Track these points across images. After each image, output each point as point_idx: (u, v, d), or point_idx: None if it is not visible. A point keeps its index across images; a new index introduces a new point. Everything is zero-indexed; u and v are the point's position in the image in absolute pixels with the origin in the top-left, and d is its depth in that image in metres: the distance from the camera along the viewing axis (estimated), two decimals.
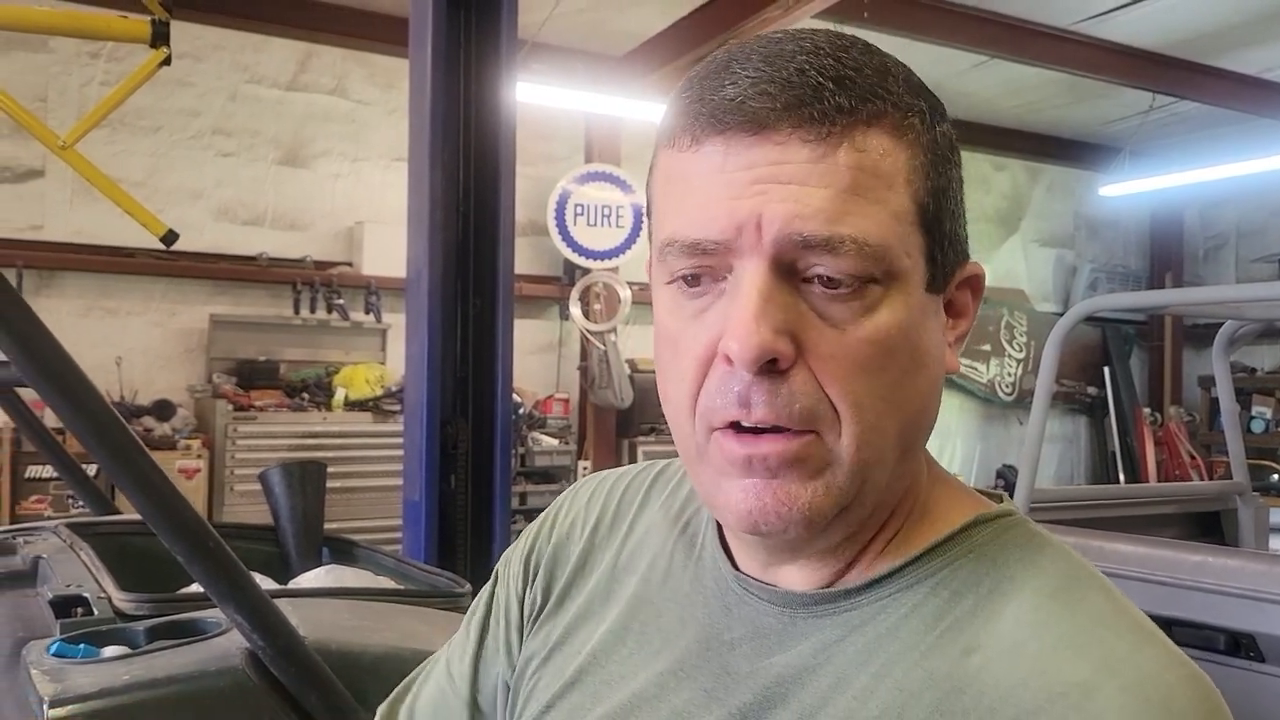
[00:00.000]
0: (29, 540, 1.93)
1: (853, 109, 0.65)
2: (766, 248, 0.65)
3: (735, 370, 0.66)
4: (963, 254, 0.73)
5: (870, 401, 0.67)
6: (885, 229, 0.65)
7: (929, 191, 0.68)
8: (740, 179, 0.65)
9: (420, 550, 3.39)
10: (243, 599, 1.19)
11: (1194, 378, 10.18)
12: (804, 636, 0.72)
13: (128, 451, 1.11)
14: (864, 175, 0.65)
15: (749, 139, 0.65)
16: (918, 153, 0.68)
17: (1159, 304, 5.45)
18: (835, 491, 0.68)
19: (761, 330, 0.64)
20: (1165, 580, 2.76)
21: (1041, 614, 0.66)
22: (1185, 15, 6.39)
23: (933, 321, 0.70)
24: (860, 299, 0.66)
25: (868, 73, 0.67)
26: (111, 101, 3.87)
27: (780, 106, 0.65)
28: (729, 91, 0.66)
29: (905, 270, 0.67)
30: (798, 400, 0.66)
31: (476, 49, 3.67)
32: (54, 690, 1.15)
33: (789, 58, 0.66)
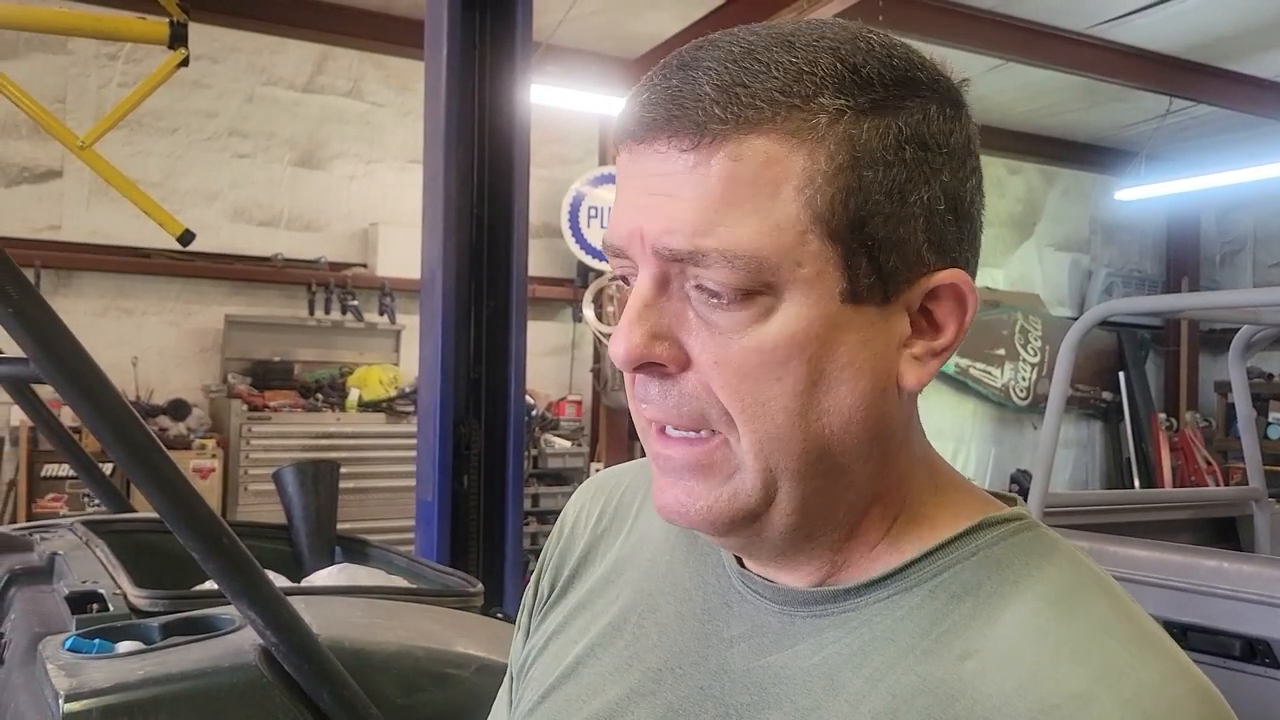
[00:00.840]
0: (45, 537, 1.95)
1: (728, 118, 0.63)
2: (649, 257, 0.66)
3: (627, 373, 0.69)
4: (923, 263, 0.66)
5: (765, 410, 0.65)
6: (761, 239, 0.63)
7: (838, 198, 0.64)
8: (633, 188, 0.67)
9: (433, 550, 3.39)
10: (257, 596, 1.19)
11: (1210, 383, 10.13)
12: (802, 637, 0.71)
13: (145, 449, 1.12)
14: (739, 185, 0.63)
15: (639, 148, 0.66)
16: (819, 157, 0.63)
17: (1174, 308, 5.43)
18: (741, 498, 0.67)
19: (633, 335, 0.66)
20: (1180, 586, 2.74)
21: (1042, 620, 0.64)
22: (1202, 19, 6.36)
23: (863, 334, 0.66)
24: (745, 308, 0.64)
25: (774, 75, 0.63)
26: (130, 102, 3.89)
27: (662, 117, 0.65)
28: (639, 99, 0.67)
29: (800, 280, 0.64)
30: (687, 403, 0.67)
31: (491, 51, 3.68)
32: (69, 685, 1.15)
33: (697, 64, 0.65)
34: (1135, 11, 6.27)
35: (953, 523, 0.71)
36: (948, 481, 0.75)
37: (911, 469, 0.73)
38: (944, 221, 0.67)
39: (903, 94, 0.66)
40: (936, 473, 0.75)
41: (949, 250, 0.67)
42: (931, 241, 0.66)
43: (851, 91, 0.64)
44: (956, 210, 0.67)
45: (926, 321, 0.68)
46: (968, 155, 0.68)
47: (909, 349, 0.68)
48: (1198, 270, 10.44)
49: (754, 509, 0.67)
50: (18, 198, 5.94)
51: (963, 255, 0.68)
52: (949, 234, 0.67)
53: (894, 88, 0.65)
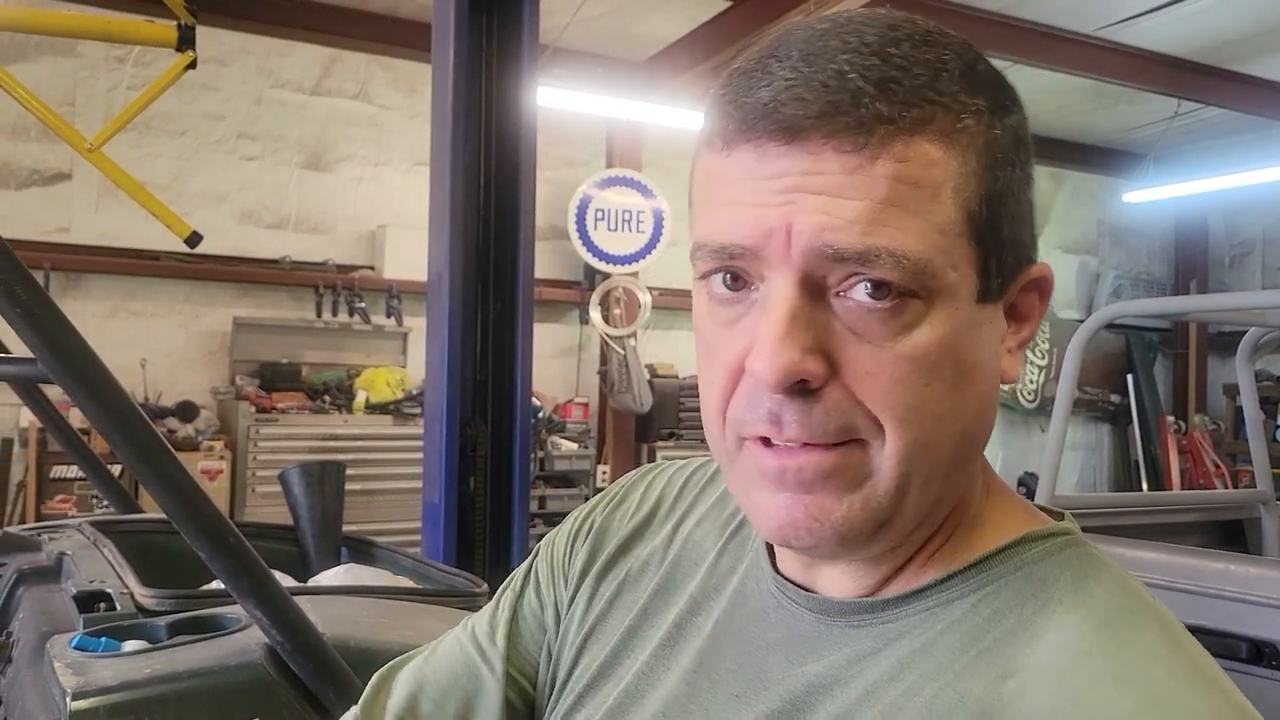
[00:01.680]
0: (54, 537, 1.96)
1: (894, 117, 0.60)
2: (796, 260, 0.62)
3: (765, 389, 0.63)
4: (1025, 257, 0.68)
5: (915, 416, 0.63)
6: (926, 242, 0.61)
7: (982, 199, 0.63)
8: (770, 186, 0.62)
9: (439, 551, 3.40)
10: (263, 595, 1.20)
11: (1219, 386, 10.10)
12: (838, 646, 0.69)
13: (152, 449, 1.13)
14: (904, 187, 0.61)
15: (781, 147, 0.62)
16: (970, 158, 0.63)
17: (1182, 310, 5.41)
18: (874, 505, 0.65)
19: (787, 351, 0.61)
20: (1187, 588, 2.74)
21: (1086, 643, 0.61)
22: (1211, 21, 6.35)
23: (985, 333, 0.66)
24: (899, 315, 0.62)
25: (917, 71, 0.62)
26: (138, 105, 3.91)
27: (814, 114, 0.61)
28: (762, 94, 0.62)
29: (950, 285, 0.63)
30: (832, 419, 0.63)
31: (498, 54, 3.68)
32: (76, 683, 1.16)
33: (830, 55, 0.62)
34: (1143, 14, 6.26)
35: (997, 534, 0.69)
36: (998, 488, 0.74)
37: (973, 477, 0.72)
38: (1032, 218, 0.68)
39: (1005, 96, 0.66)
40: (991, 480, 0.74)
41: (1033, 245, 0.69)
42: (1029, 239, 0.68)
43: (978, 91, 0.64)
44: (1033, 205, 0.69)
45: (1011, 315, 0.69)
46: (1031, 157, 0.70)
47: (1005, 343, 0.69)
48: (1206, 272, 10.42)
49: (884, 515, 0.65)
50: (27, 200, 5.96)
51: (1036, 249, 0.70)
52: (1033, 229, 0.69)
53: (998, 90, 0.66)
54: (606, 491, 0.94)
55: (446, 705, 0.87)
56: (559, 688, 0.86)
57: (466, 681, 0.88)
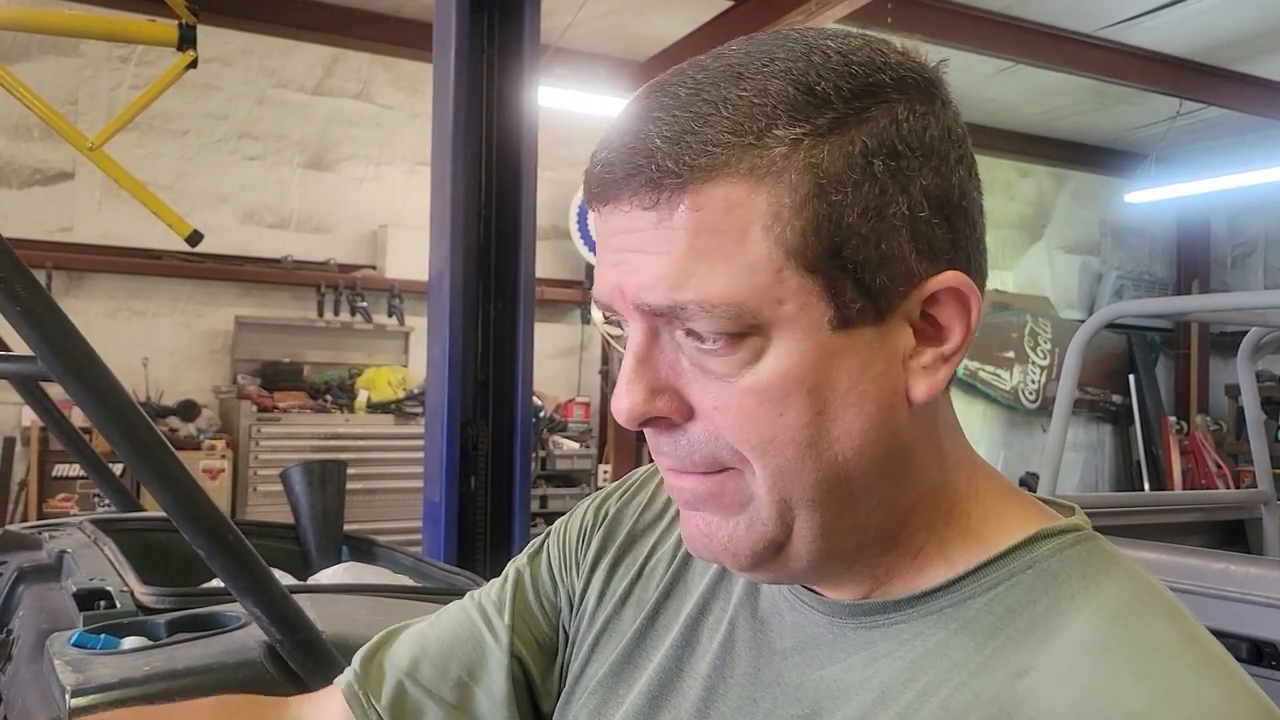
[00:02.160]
0: (54, 535, 1.96)
1: (680, 170, 0.62)
2: (634, 313, 0.66)
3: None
4: (912, 274, 0.64)
5: (771, 446, 0.64)
6: (736, 285, 0.62)
7: (808, 229, 0.61)
8: (608, 245, 0.67)
9: (440, 551, 3.40)
10: (262, 593, 1.20)
11: (1220, 386, 10.10)
12: (855, 649, 0.70)
13: (151, 447, 1.13)
14: (704, 235, 0.62)
15: (605, 208, 0.66)
16: (782, 192, 0.61)
17: (1183, 310, 5.41)
18: (759, 529, 0.67)
19: (634, 393, 0.66)
20: (1188, 588, 2.73)
21: (1100, 636, 0.62)
22: (1212, 21, 6.35)
23: (861, 357, 0.64)
24: (735, 351, 0.63)
25: (724, 114, 0.62)
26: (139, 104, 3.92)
27: (620, 176, 0.64)
28: (599, 157, 0.66)
29: (784, 317, 0.62)
30: (698, 450, 0.66)
31: (500, 53, 3.68)
32: (75, 680, 1.16)
33: (647, 114, 0.64)
34: (1145, 14, 6.26)
35: (1005, 533, 0.69)
36: (992, 487, 0.73)
37: (947, 475, 0.71)
38: (930, 225, 0.64)
39: (865, 104, 0.63)
40: (978, 478, 0.72)
41: (941, 253, 0.65)
42: (920, 250, 0.64)
43: (807, 115, 0.62)
44: (944, 209, 0.64)
45: (931, 328, 0.66)
46: (950, 148, 0.65)
47: (916, 359, 0.66)
48: (1208, 273, 10.41)
49: (774, 538, 0.66)
50: (30, 199, 5.97)
51: (960, 253, 0.66)
52: (938, 236, 0.64)
53: (854, 100, 0.62)
54: (622, 481, 0.95)
55: (449, 670, 0.88)
56: (572, 682, 0.86)
57: (471, 649, 0.89)
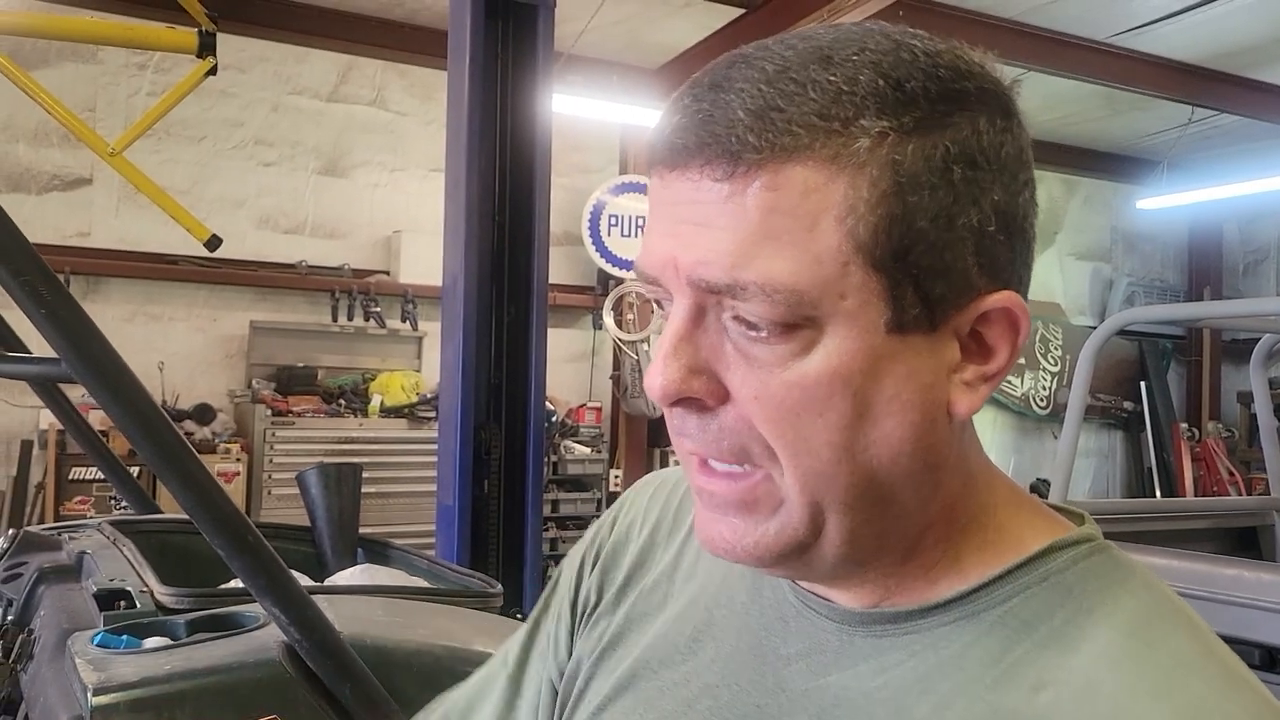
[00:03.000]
0: (74, 537, 1.98)
1: (762, 146, 0.60)
2: (684, 287, 0.63)
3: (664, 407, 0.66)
4: (971, 288, 0.63)
5: (806, 446, 0.62)
6: (801, 272, 0.60)
7: (881, 226, 0.60)
8: (666, 214, 0.64)
9: (453, 553, 3.42)
10: (281, 594, 1.22)
11: (1233, 393, 10.06)
12: (863, 657, 0.68)
13: (173, 448, 1.15)
14: (776, 216, 0.60)
15: (670, 174, 0.63)
16: (860, 184, 0.60)
17: (1195, 317, 5.41)
18: (789, 533, 0.65)
19: (669, 370, 0.63)
20: (1199, 595, 2.74)
21: (1118, 651, 0.61)
22: (1225, 27, 6.34)
23: (910, 365, 0.63)
24: (786, 342, 0.61)
25: (811, 95, 0.60)
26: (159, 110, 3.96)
27: (694, 144, 0.62)
28: (667, 123, 0.64)
29: (842, 312, 0.61)
30: (727, 437, 0.64)
31: (513, 60, 3.71)
32: (98, 679, 1.18)
33: (729, 85, 0.62)
34: (1157, 20, 6.25)
35: (1018, 545, 0.68)
36: (1008, 499, 0.71)
37: (969, 487, 0.69)
38: (994, 242, 0.62)
39: (949, 109, 0.61)
40: (995, 490, 0.71)
41: (1000, 271, 0.63)
42: (982, 265, 0.62)
43: (895, 111, 0.60)
44: (1009, 228, 0.63)
45: (977, 345, 0.65)
46: (1020, 168, 0.64)
47: (959, 375, 0.64)
48: (1220, 280, 10.37)
49: (802, 542, 0.65)
50: (48, 205, 6.02)
51: (1015, 274, 0.65)
52: (1000, 254, 0.63)
53: (940, 103, 0.61)
54: (611, 510, 0.95)
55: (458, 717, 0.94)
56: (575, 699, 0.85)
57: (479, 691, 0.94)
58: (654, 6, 6.15)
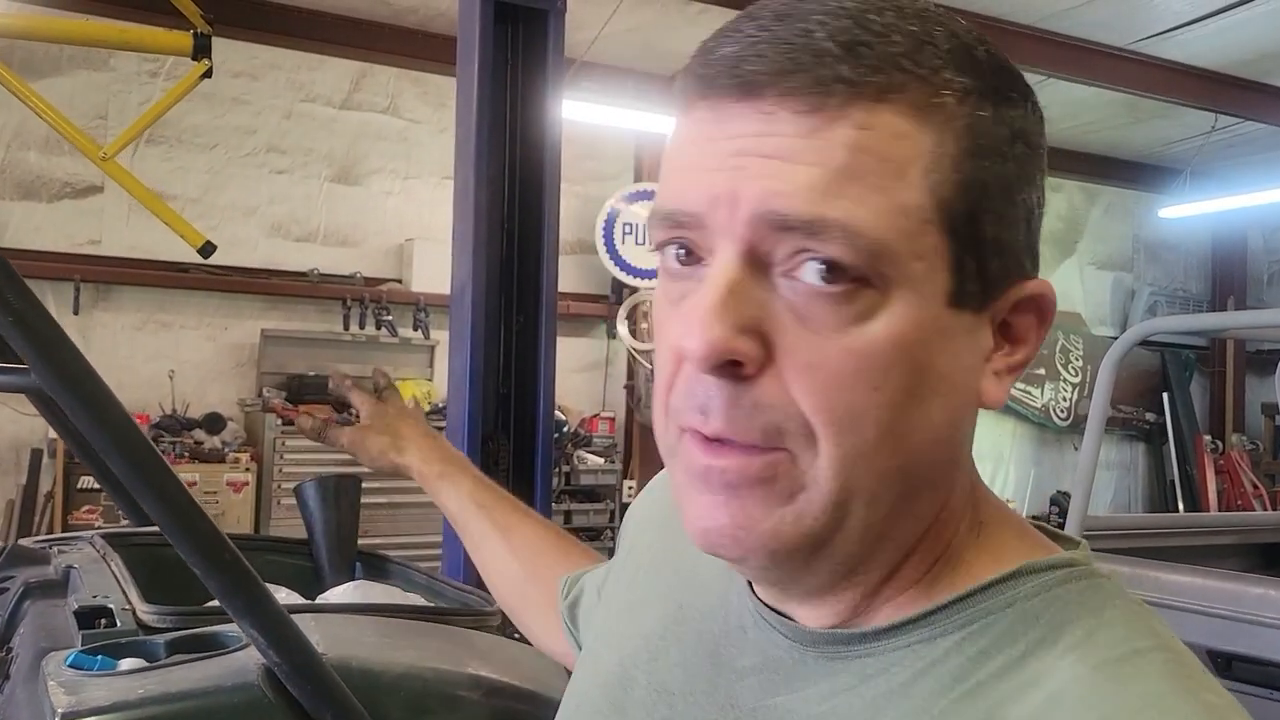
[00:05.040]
0: (64, 550, 1.93)
1: (857, 80, 0.55)
2: (739, 230, 0.57)
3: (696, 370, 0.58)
4: (1019, 269, 0.61)
5: (854, 422, 0.56)
6: (885, 222, 0.55)
7: (959, 186, 0.57)
8: (721, 149, 0.57)
9: (459, 566, 3.36)
10: (259, 613, 1.16)
11: (1257, 405, 9.94)
12: (813, 680, 0.64)
13: (146, 461, 1.10)
14: (864, 157, 0.55)
15: (734, 105, 0.57)
16: (946, 139, 0.57)
17: (1217, 326, 5.32)
18: (807, 523, 0.58)
19: (717, 326, 0.56)
20: (1224, 614, 2.66)
21: (1083, 689, 0.55)
22: (1248, 34, 6.25)
23: (960, 344, 0.59)
24: (849, 303, 0.56)
25: (896, 39, 0.56)
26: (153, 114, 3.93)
27: (772, 71, 0.56)
28: (725, 50, 0.58)
29: (913, 277, 0.56)
30: (762, 413, 0.57)
31: (523, 66, 3.67)
32: (68, 703, 1.13)
33: (802, 15, 0.57)
34: (1179, 27, 6.17)
35: (992, 566, 0.62)
36: (992, 517, 0.66)
37: (962, 504, 0.65)
38: (1036, 227, 0.62)
39: (1009, 84, 0.60)
40: (980, 508, 0.66)
41: (1037, 260, 0.62)
42: (1028, 247, 0.61)
43: (970, 72, 0.58)
44: (1041, 219, 0.63)
45: (1004, 335, 0.62)
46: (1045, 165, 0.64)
47: (991, 363, 0.61)
48: (1244, 289, 10.26)
49: (819, 534, 0.59)
50: (59, 213, 6.02)
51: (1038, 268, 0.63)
52: (1036, 241, 0.62)
53: (1000, 76, 0.60)
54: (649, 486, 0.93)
55: None
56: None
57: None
58: (668, 14, 6.11)
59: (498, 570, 1.22)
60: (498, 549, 1.20)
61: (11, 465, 5.86)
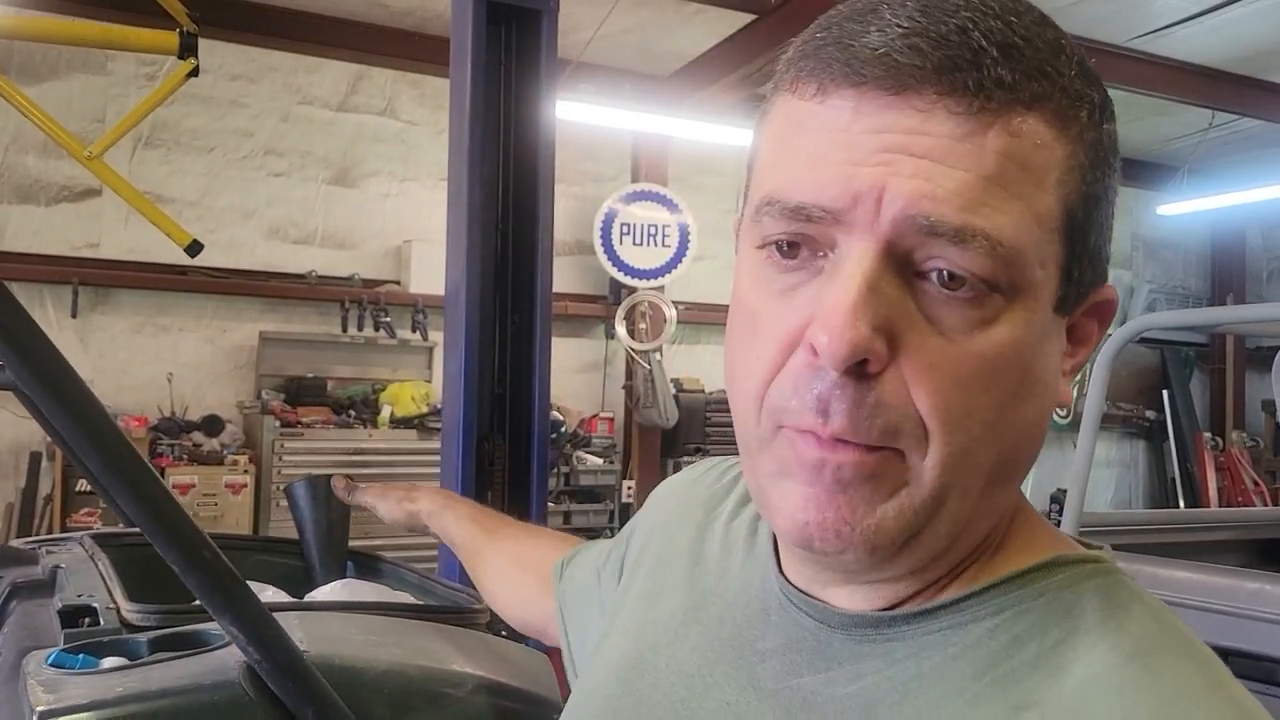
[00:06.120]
0: (52, 551, 1.93)
1: (1014, 85, 0.55)
2: (883, 227, 0.56)
3: (819, 366, 0.57)
4: (1101, 275, 0.63)
5: (966, 423, 0.57)
6: (1024, 231, 0.56)
7: (1081, 196, 0.59)
8: (866, 143, 0.56)
9: (455, 567, 3.34)
10: (239, 611, 1.16)
11: (1257, 402, 9.92)
12: (838, 661, 0.64)
13: (122, 457, 1.09)
14: (1012, 165, 0.55)
15: (886, 98, 0.56)
16: (1078, 150, 0.58)
17: (1213, 321, 5.30)
18: (908, 515, 0.59)
19: (859, 325, 0.55)
20: (1223, 609, 2.65)
21: (1116, 678, 0.56)
22: (1245, 31, 6.25)
23: (1052, 346, 0.61)
24: (979, 308, 0.56)
25: (1039, 45, 0.57)
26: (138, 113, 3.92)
27: (930, 66, 0.55)
28: (873, 39, 0.56)
29: (1035, 283, 0.58)
30: (883, 414, 0.57)
31: (517, 67, 3.66)
32: (46, 701, 1.13)
33: (950, 10, 0.56)
34: (1176, 24, 6.17)
35: (1025, 557, 0.64)
36: (1026, 514, 0.68)
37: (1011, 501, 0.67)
38: (1111, 237, 0.64)
39: (1108, 98, 0.61)
40: (1024, 506, 0.68)
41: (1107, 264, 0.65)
42: (1105, 254, 0.64)
43: (1094, 84, 0.59)
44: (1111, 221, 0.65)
45: (1069, 336, 0.64)
46: None
47: (1062, 364, 0.64)
48: (1244, 286, 10.24)
49: (917, 528, 0.60)
50: (57, 216, 6.02)
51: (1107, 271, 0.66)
52: (1108, 250, 0.64)
53: (1104, 89, 0.61)
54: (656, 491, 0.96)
55: None
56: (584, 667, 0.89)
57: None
58: (664, 14, 6.11)
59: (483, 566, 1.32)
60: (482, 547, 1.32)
61: (11, 468, 5.85)
